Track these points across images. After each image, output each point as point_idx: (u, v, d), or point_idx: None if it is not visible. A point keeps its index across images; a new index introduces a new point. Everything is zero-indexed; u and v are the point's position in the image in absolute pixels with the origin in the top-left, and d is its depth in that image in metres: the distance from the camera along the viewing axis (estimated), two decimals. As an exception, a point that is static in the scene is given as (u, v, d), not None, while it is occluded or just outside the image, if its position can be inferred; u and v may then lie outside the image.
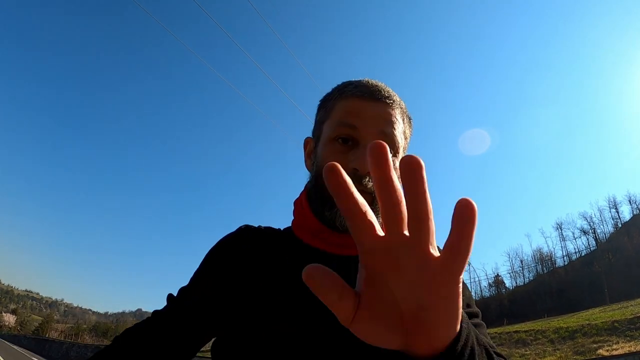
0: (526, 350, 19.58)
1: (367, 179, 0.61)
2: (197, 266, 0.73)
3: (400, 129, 0.66)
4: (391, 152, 0.63)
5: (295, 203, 0.76)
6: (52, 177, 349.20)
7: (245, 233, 0.74)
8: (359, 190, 0.51)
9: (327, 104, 0.71)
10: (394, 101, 0.67)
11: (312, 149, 0.74)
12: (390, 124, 0.65)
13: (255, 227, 0.76)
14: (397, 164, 0.62)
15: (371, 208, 0.43)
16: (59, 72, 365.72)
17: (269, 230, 0.76)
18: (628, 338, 15.48)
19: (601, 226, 63.28)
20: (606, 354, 13.48)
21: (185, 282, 0.74)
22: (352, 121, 0.64)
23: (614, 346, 14.72)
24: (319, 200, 0.66)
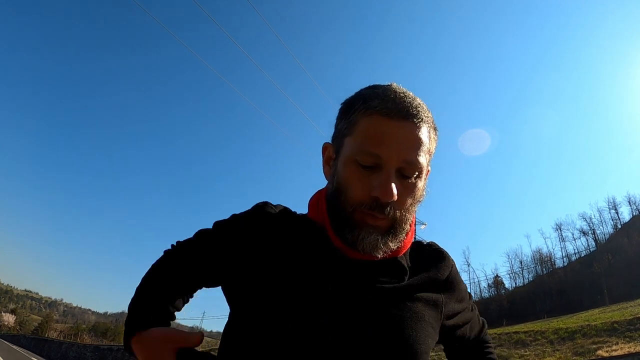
0: (525, 351, 19.58)
1: (388, 207, 0.63)
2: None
3: (425, 150, 0.66)
4: (415, 175, 0.65)
5: (313, 205, 0.76)
6: (52, 177, 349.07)
7: (263, 215, 0.74)
8: (380, 219, 0.63)
9: (350, 115, 0.68)
10: (421, 119, 0.65)
11: (332, 156, 0.73)
12: (415, 148, 0.64)
13: (274, 209, 0.76)
14: (420, 185, 0.67)
15: (390, 233, 0.65)
16: (60, 74, 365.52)
17: (288, 213, 0.77)
18: (627, 339, 15.46)
19: (601, 227, 63.22)
20: (605, 354, 13.49)
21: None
22: (376, 150, 0.62)
23: (614, 347, 14.71)
24: (340, 219, 0.66)
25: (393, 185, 0.61)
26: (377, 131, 0.63)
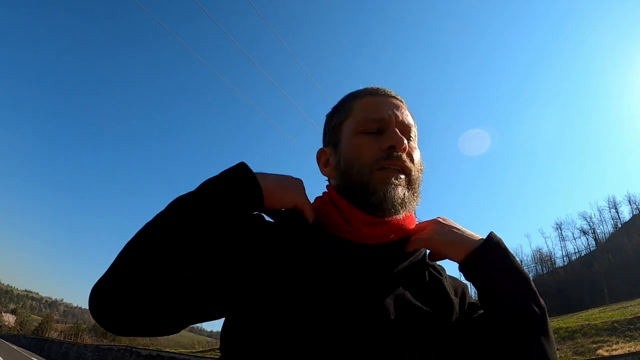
0: (526, 351, 19.52)
1: (404, 156, 0.69)
2: None
3: (413, 122, 0.76)
4: (411, 139, 0.73)
5: (320, 203, 0.73)
6: (52, 177, 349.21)
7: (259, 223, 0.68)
8: (396, 166, 0.68)
9: (342, 107, 0.76)
10: (403, 101, 0.77)
11: (331, 154, 0.76)
12: (407, 115, 0.74)
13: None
14: (415, 148, 0.74)
15: (409, 187, 0.69)
16: (62, 73, 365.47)
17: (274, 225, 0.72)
18: (628, 338, 15.46)
19: (601, 226, 63.43)
20: (606, 354, 13.47)
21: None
22: (376, 115, 0.71)
23: (614, 346, 14.70)
24: (359, 187, 0.68)
25: (402, 136, 0.69)
26: (373, 102, 0.73)
